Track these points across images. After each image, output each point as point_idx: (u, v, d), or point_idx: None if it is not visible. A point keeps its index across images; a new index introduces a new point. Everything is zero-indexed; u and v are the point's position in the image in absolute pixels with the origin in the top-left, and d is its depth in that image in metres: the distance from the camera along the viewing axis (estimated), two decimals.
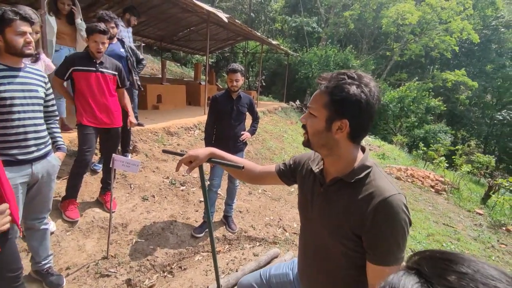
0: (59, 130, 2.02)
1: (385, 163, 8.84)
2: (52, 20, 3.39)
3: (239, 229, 3.38)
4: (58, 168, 1.95)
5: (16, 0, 5.12)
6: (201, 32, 10.64)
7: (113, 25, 3.31)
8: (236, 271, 2.56)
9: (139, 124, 4.64)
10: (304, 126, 1.02)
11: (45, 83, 1.85)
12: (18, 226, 1.54)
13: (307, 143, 1.03)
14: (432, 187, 6.89)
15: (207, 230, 3.23)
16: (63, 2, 3.44)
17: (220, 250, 3.05)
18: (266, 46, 12.92)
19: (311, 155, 1.20)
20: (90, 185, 3.22)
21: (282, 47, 12.38)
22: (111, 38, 3.34)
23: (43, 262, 2.08)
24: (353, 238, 0.95)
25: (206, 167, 3.69)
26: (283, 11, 22.36)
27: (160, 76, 10.69)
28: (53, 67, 2.56)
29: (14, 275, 1.55)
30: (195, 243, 3.02)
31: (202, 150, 1.30)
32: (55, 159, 1.91)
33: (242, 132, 3.18)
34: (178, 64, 17.63)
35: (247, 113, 3.30)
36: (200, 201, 3.73)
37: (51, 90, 1.91)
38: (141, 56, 3.75)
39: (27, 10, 2.11)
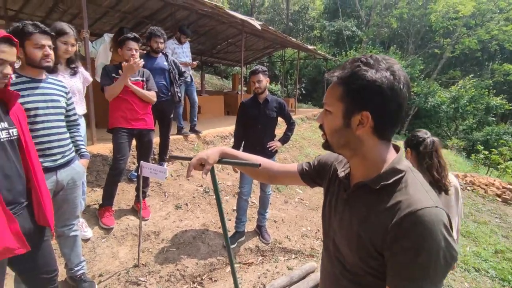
0: (82, 138, 2.08)
1: None
2: (108, 47, 3.74)
3: (273, 240, 3.21)
4: (83, 174, 1.99)
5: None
6: (238, 44, 10.83)
7: (162, 40, 3.50)
8: (264, 287, 2.39)
9: (197, 132, 4.92)
10: (321, 127, 0.88)
11: (66, 93, 1.91)
12: (52, 230, 1.57)
13: (326, 145, 0.88)
14: (499, 196, 6.00)
15: (239, 240, 3.12)
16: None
17: (252, 262, 2.90)
18: (303, 53, 12.73)
19: (338, 156, 1.03)
20: (127, 193, 3.31)
21: (319, 52, 12.09)
22: (157, 52, 3.51)
23: (75, 269, 2.12)
24: (376, 256, 0.76)
25: (234, 178, 3.57)
26: (321, 18, 22.03)
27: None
28: (91, 80, 2.70)
29: (49, 277, 1.57)
30: (226, 253, 2.91)
31: (212, 150, 1.18)
32: (79, 166, 1.95)
33: (270, 143, 3.02)
34: (219, 77, 18.21)
35: (282, 119, 3.15)
36: (234, 210, 3.64)
37: (72, 100, 1.97)
38: (182, 69, 3.86)
39: (63, 25, 2.25)
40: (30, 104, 1.68)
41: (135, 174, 3.44)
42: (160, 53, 3.62)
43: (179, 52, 4.70)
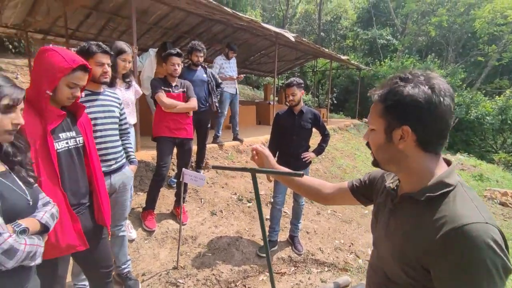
0: (131, 145, 2.27)
1: (483, 186, 7.44)
2: (154, 61, 4.05)
3: (305, 251, 3.21)
4: (131, 179, 2.17)
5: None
6: (271, 55, 11.03)
7: (201, 54, 3.73)
8: None
9: (239, 140, 5.18)
10: (368, 144, 0.92)
11: (120, 104, 2.12)
12: (108, 229, 1.74)
13: (375, 163, 0.91)
14: None
15: (272, 249, 3.15)
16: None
17: (285, 272, 2.92)
18: (336, 62, 12.64)
19: None
20: (167, 198, 3.50)
21: (352, 61, 11.93)
22: (197, 65, 3.74)
23: (122, 267, 2.29)
24: (420, 270, 0.76)
25: (267, 187, 3.63)
26: (354, 27, 21.76)
27: None
28: (141, 92, 2.95)
29: (107, 271, 1.75)
30: (260, 261, 2.96)
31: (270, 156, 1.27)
32: (129, 171, 2.14)
33: (304, 154, 3.05)
34: (251, 87, 18.55)
35: (317, 130, 3.18)
36: (266, 219, 3.69)
37: (124, 110, 2.17)
38: (219, 81, 4.07)
39: (122, 44, 2.49)
40: (91, 115, 1.88)
41: (174, 180, 3.64)
42: (200, 66, 3.84)
43: (227, 67, 4.98)
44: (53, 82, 1.35)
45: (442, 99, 0.75)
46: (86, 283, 2.05)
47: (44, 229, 1.13)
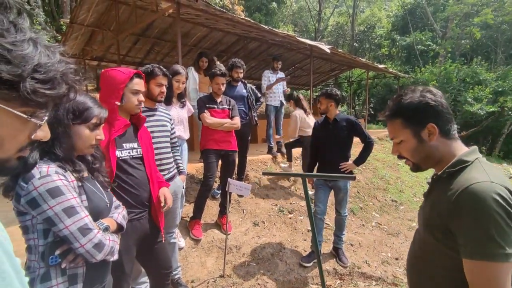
0: (180, 157, 2.43)
1: None
2: (195, 74, 4.34)
3: (351, 263, 3.12)
4: (182, 189, 2.31)
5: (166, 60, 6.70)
6: (305, 68, 11.12)
7: (241, 70, 3.92)
8: None
9: (282, 152, 5.27)
10: (399, 157, 1.07)
11: (170, 119, 2.30)
12: (162, 233, 1.88)
13: (414, 167, 1.06)
14: None
15: (315, 260, 3.11)
16: (202, 60, 4.49)
17: (330, 285, 2.86)
18: (372, 72, 12.35)
19: None
20: (211, 208, 3.64)
21: (390, 70, 11.58)
22: (237, 81, 3.92)
23: (174, 273, 2.42)
24: (446, 232, 0.90)
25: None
26: (389, 35, 21.17)
27: None
28: (193, 110, 3.17)
29: (166, 272, 1.88)
30: (304, 272, 2.94)
31: None
32: (179, 181, 2.29)
33: (342, 164, 3.00)
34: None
35: (357, 138, 3.14)
36: (308, 230, 3.66)
37: (174, 125, 2.35)
38: (259, 95, 4.23)
39: (178, 67, 2.73)
40: (149, 128, 2.08)
41: (218, 191, 3.77)
42: (240, 82, 4.02)
43: (273, 80, 5.17)
44: (119, 92, 1.57)
45: (440, 95, 0.99)
46: (143, 286, 2.20)
47: (119, 229, 1.27)
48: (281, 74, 5.34)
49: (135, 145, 1.73)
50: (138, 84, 1.67)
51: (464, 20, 17.90)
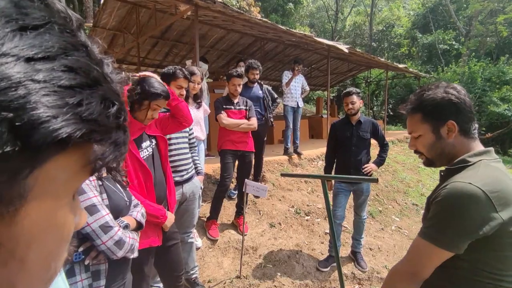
0: (198, 157, 2.45)
1: None
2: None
3: (370, 268, 3.04)
4: (199, 189, 2.33)
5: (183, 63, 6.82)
6: (321, 68, 11.00)
7: (257, 72, 3.92)
8: None
9: (298, 153, 5.22)
10: (416, 151, 1.07)
11: None
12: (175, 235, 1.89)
13: (428, 162, 1.06)
14: None
15: (333, 264, 3.05)
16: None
17: None
18: (391, 72, 12.05)
19: None
20: (227, 209, 3.64)
21: (411, 69, 11.26)
22: (253, 82, 3.92)
23: (191, 272, 2.43)
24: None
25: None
26: (409, 34, 20.61)
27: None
28: (209, 111, 3.20)
29: (179, 274, 1.89)
30: (321, 276, 2.89)
31: None
32: (197, 181, 2.31)
33: (365, 166, 2.94)
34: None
35: (375, 141, 3.07)
36: (326, 233, 3.60)
37: (192, 126, 2.35)
38: (275, 96, 4.21)
39: (193, 68, 2.76)
40: None
41: (235, 192, 3.78)
42: (256, 83, 4.02)
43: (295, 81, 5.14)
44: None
45: (464, 92, 0.97)
46: (161, 285, 2.22)
47: (138, 227, 1.29)
48: (300, 77, 5.27)
49: (148, 143, 1.74)
50: (163, 104, 1.60)
51: (489, 17, 17.17)
